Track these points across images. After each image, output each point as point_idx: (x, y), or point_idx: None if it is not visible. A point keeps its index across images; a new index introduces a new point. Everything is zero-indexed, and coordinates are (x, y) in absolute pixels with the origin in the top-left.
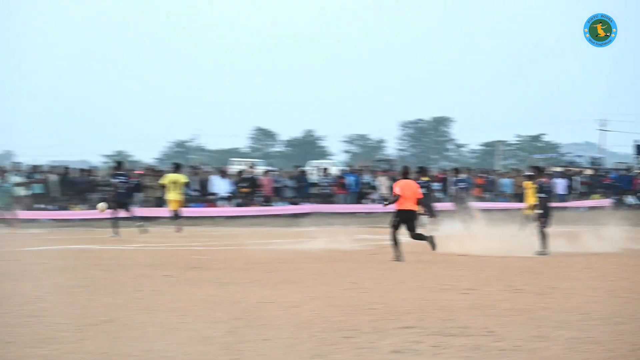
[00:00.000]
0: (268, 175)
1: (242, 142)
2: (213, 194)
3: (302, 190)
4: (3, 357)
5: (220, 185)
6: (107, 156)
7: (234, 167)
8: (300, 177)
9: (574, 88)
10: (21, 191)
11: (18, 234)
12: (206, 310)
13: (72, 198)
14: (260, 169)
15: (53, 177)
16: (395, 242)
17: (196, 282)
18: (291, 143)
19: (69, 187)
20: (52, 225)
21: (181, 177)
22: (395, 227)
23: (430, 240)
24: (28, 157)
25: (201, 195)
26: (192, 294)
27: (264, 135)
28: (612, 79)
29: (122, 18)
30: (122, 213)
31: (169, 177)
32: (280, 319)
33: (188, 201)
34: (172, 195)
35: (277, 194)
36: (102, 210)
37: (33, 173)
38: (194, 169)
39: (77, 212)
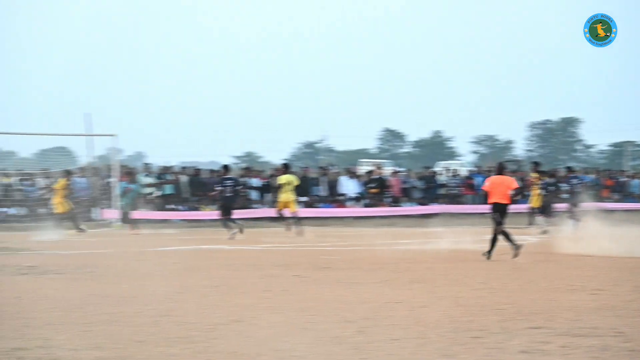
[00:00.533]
0: (396, 176)
1: (370, 143)
2: (342, 194)
3: (431, 191)
4: (134, 356)
5: (348, 186)
6: (237, 157)
7: (363, 168)
8: (430, 178)
9: None
10: (151, 192)
11: (141, 234)
12: (335, 310)
13: (203, 198)
14: (388, 169)
15: (184, 178)
16: (494, 239)
17: (325, 282)
18: (419, 144)
19: (200, 187)
20: (183, 226)
21: (293, 178)
22: (498, 222)
23: (515, 246)
24: (159, 157)
25: (329, 195)
26: (321, 293)
27: (392, 136)
28: None
29: (258, 21)
30: (228, 215)
31: (283, 178)
32: (408, 319)
33: (313, 202)
34: (284, 197)
35: (406, 195)
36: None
37: (164, 174)
38: (323, 169)
39: (208, 213)
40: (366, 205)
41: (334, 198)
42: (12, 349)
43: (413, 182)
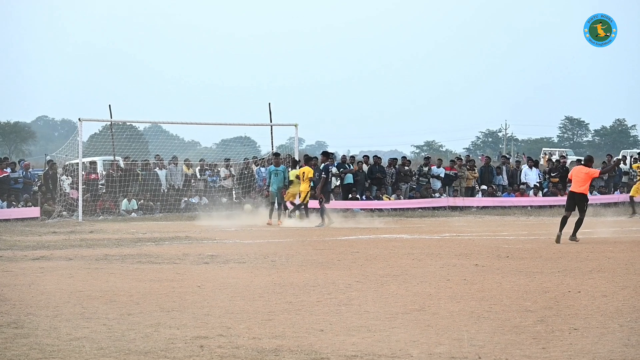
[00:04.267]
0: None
1: (552, 131)
2: (523, 183)
3: (613, 179)
4: (314, 344)
5: (530, 175)
6: (418, 147)
7: (547, 157)
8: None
9: None
10: (336, 181)
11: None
12: (515, 299)
13: (382, 188)
14: (570, 158)
15: (364, 167)
16: (563, 224)
17: (505, 272)
18: (601, 132)
19: (379, 177)
20: (364, 215)
21: (309, 170)
22: (567, 209)
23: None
24: (341, 147)
25: (510, 184)
26: (501, 283)
27: (574, 124)
28: None
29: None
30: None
31: (295, 172)
32: (589, 308)
33: (494, 191)
34: (295, 189)
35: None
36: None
37: (345, 163)
38: (505, 158)
39: (388, 202)
40: (547, 195)
41: (515, 187)
42: (193, 337)
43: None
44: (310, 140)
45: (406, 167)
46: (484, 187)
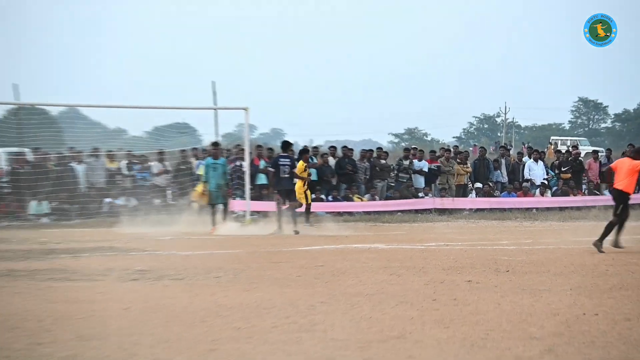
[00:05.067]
0: (596, 156)
1: (562, 116)
2: (526, 180)
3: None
4: None
5: (535, 170)
6: (397, 135)
7: (553, 148)
8: None
9: None
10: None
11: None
12: (517, 323)
13: (353, 186)
14: (585, 149)
15: (331, 161)
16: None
17: (505, 289)
18: (623, 117)
19: (350, 172)
20: (330, 220)
21: (299, 166)
22: (616, 206)
23: (600, 240)
24: (301, 136)
25: (511, 182)
26: (500, 303)
27: (589, 108)
28: None
29: None
30: (285, 205)
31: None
32: (608, 335)
33: (490, 190)
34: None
35: (606, 180)
36: (197, 199)
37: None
38: (504, 149)
39: (360, 204)
40: (557, 194)
41: (517, 185)
42: None
43: None
44: (264, 127)
45: (382, 161)
46: (478, 185)
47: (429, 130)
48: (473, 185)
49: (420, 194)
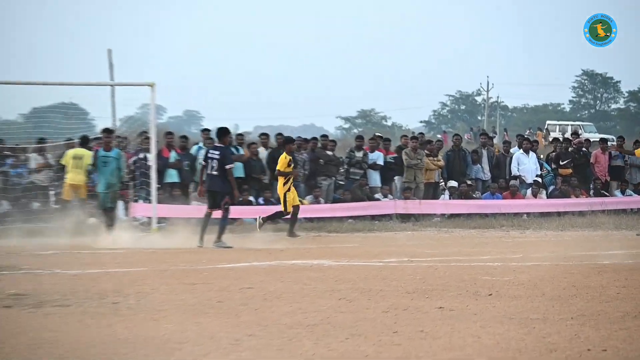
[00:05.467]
0: (605, 146)
1: (561, 95)
2: (515, 177)
3: None
4: None
5: (526, 165)
6: (348, 119)
7: (544, 135)
8: None
9: None
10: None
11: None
12: None
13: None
14: (590, 137)
15: (262, 152)
16: None
17: (487, 318)
18: (638, 96)
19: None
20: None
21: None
22: None
23: None
24: (223, 120)
25: (494, 179)
26: (480, 336)
27: (597, 83)
28: None
29: None
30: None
31: (69, 154)
32: None
33: (468, 190)
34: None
35: (617, 177)
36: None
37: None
38: (486, 137)
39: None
40: (553, 195)
41: (502, 184)
42: None
43: (631, 158)
44: (175, 109)
45: (329, 152)
46: (452, 183)
47: (389, 112)
48: (446, 184)
49: (378, 195)
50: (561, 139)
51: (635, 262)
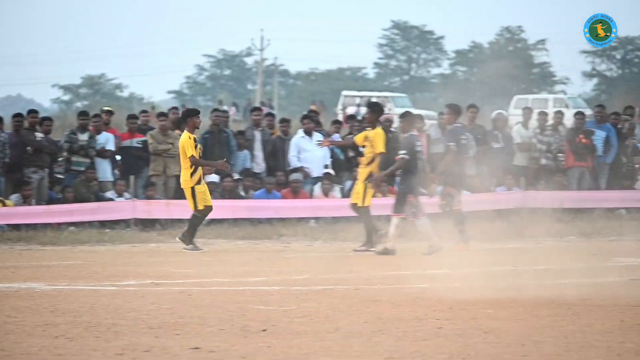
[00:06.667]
0: (422, 126)
1: (363, 56)
2: (295, 169)
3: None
4: None
5: (308, 152)
6: (69, 87)
7: (347, 109)
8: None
9: None
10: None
11: None
12: None
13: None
14: (403, 111)
15: None
16: None
17: None
18: (469, 57)
19: None
20: None
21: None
22: None
23: None
24: None
25: (271, 172)
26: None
27: (411, 40)
28: None
29: None
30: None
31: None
32: None
33: (232, 186)
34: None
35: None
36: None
37: None
38: (259, 113)
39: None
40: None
41: (282, 178)
42: None
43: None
44: None
45: (39, 135)
46: (212, 177)
47: (126, 79)
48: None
49: (110, 194)
50: (359, 117)
51: (461, 285)
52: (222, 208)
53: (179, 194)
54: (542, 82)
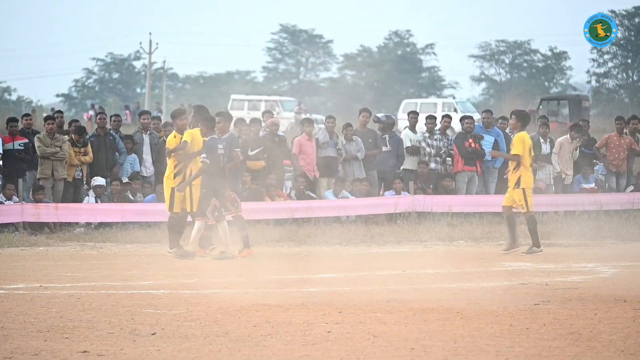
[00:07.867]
0: (310, 129)
1: (251, 59)
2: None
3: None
4: None
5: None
6: None
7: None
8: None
9: None
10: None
11: None
12: None
13: None
14: (289, 115)
15: None
16: None
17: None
18: (358, 61)
19: None
20: None
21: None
22: None
23: None
24: None
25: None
26: None
27: (300, 44)
28: None
29: None
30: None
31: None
32: None
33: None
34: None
35: (329, 173)
36: None
37: None
38: (148, 117)
39: None
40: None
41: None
42: None
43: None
44: None
45: None
46: (99, 181)
47: (14, 83)
48: (90, 183)
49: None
50: (247, 121)
51: (351, 289)
52: (112, 211)
53: (68, 197)
54: (431, 86)
